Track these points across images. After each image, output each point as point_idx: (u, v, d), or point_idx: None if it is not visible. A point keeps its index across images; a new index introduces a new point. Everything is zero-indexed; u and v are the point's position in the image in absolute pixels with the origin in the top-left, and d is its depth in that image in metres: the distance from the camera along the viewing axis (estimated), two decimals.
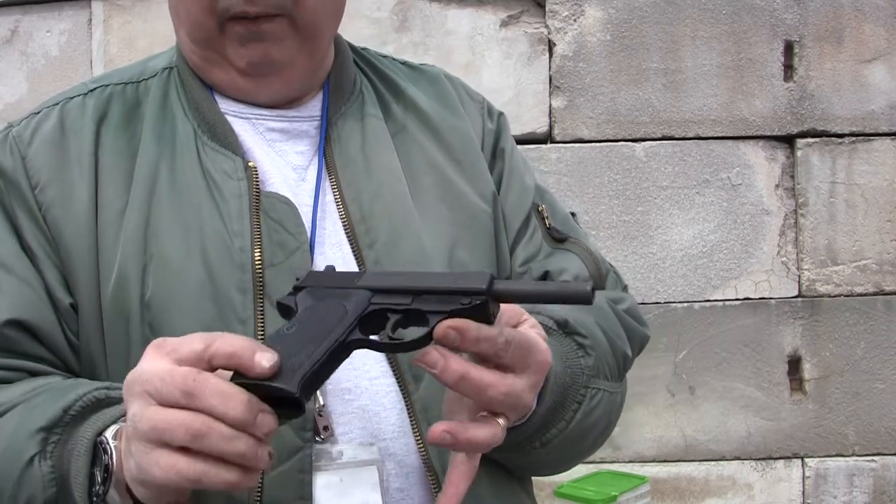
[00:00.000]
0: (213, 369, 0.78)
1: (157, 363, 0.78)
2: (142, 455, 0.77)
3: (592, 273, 1.20)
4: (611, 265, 1.26)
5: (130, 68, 1.17)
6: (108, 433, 0.86)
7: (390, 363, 1.03)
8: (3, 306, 0.99)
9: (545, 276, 1.17)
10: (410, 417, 1.02)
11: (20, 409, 0.93)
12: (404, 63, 1.26)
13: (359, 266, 1.05)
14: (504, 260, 1.16)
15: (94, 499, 0.85)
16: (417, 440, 1.02)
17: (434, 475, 1.01)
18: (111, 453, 0.84)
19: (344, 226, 1.06)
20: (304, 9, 1.04)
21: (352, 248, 1.06)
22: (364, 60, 1.21)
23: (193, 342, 0.78)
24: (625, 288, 1.27)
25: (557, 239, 1.21)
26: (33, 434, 0.89)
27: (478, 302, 0.79)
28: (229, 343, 0.77)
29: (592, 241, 1.27)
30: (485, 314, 0.79)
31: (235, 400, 0.75)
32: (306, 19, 1.05)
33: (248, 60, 1.05)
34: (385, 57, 1.25)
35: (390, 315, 0.81)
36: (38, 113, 1.10)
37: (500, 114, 1.27)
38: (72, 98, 1.11)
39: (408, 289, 0.81)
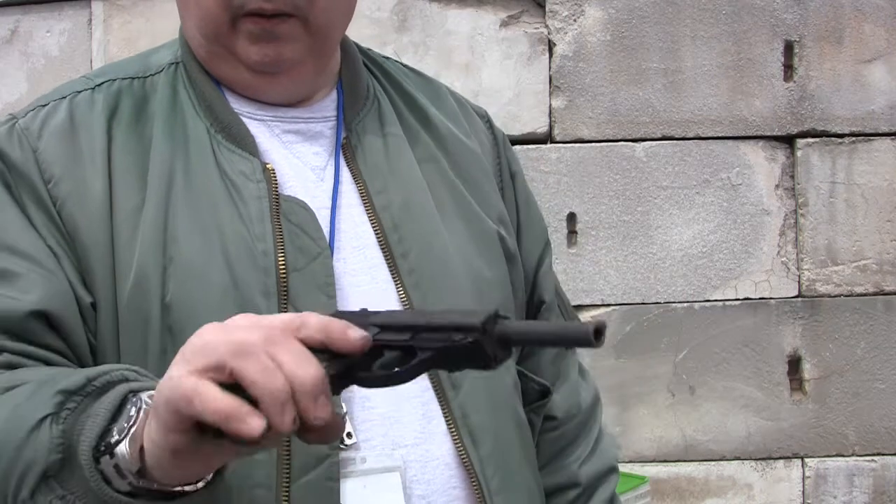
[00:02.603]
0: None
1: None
2: (181, 375, 0.72)
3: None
4: (574, 316, 1.35)
5: (132, 62, 1.14)
6: (144, 394, 0.79)
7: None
8: (32, 297, 0.96)
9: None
10: (448, 423, 1.03)
11: (38, 382, 0.87)
12: (410, 69, 1.25)
13: (392, 274, 1.04)
14: (518, 282, 1.17)
15: (102, 449, 0.78)
16: (441, 446, 1.02)
17: (457, 481, 1.02)
18: (141, 406, 0.78)
19: (376, 233, 1.06)
20: (318, 9, 1.03)
21: (384, 255, 1.05)
22: (373, 63, 1.20)
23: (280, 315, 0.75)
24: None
25: None
26: (52, 396, 0.83)
27: (469, 340, 0.74)
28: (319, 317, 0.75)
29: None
30: (482, 355, 0.75)
31: (313, 367, 0.72)
32: (319, 20, 1.04)
33: (259, 59, 1.04)
34: (388, 59, 1.24)
35: (386, 352, 0.78)
36: (46, 105, 1.07)
37: (503, 134, 1.28)
38: (79, 92, 1.08)
39: (409, 325, 0.78)
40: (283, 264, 0.99)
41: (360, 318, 0.80)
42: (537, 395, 1.21)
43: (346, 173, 1.08)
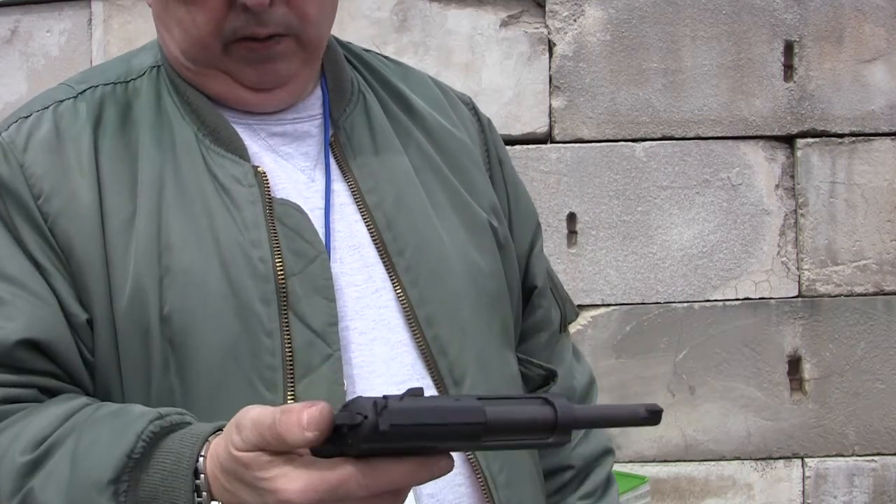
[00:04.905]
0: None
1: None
2: None
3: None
4: (567, 296, 1.32)
5: (113, 66, 1.11)
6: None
7: (428, 368, 1.03)
8: (18, 325, 0.94)
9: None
10: None
11: (66, 452, 0.87)
12: (391, 60, 1.24)
13: (389, 273, 1.04)
14: (511, 270, 1.17)
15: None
16: None
17: (463, 478, 1.02)
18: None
19: (370, 232, 1.05)
20: (310, 24, 1.02)
21: (379, 253, 1.04)
22: (355, 57, 1.19)
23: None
24: (575, 314, 1.33)
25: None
26: (103, 488, 0.83)
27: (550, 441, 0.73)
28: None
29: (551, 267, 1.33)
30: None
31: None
32: (311, 35, 1.03)
33: (256, 79, 1.03)
34: (368, 51, 1.23)
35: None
36: (28, 117, 1.04)
37: (488, 120, 1.26)
38: (62, 101, 1.05)
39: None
40: (281, 269, 0.97)
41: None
42: (541, 381, 1.21)
43: (336, 172, 1.07)
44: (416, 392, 0.70)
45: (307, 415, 0.70)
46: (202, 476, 0.80)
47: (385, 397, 0.68)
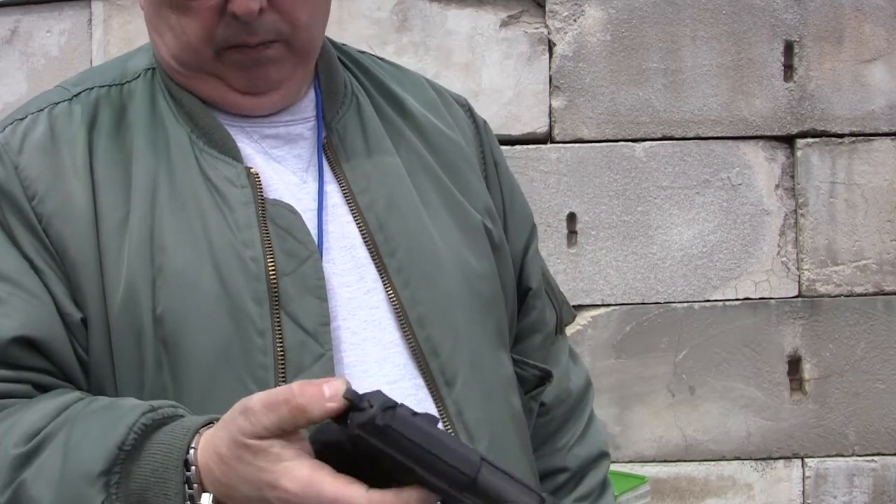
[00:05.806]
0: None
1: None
2: None
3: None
4: (564, 299, 1.32)
5: (109, 68, 1.12)
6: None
7: (419, 368, 1.03)
8: (13, 323, 0.95)
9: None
10: (444, 420, 1.02)
11: (58, 444, 0.88)
12: (386, 62, 1.24)
13: (380, 274, 1.04)
14: (506, 271, 1.17)
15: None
16: None
17: None
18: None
19: (362, 233, 1.06)
20: (300, 30, 1.03)
21: (371, 254, 1.05)
22: (349, 59, 1.19)
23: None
24: (572, 317, 1.33)
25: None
26: (94, 480, 0.84)
27: None
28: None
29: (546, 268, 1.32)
30: None
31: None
32: (303, 40, 1.04)
33: (247, 83, 1.04)
34: (363, 53, 1.23)
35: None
36: (23, 119, 1.05)
37: (484, 121, 1.27)
38: (57, 103, 1.06)
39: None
40: (273, 269, 0.98)
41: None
42: (536, 382, 1.21)
43: (328, 173, 1.08)
44: (432, 419, 0.72)
45: (328, 387, 0.74)
46: (193, 468, 0.81)
47: (402, 405, 0.71)
